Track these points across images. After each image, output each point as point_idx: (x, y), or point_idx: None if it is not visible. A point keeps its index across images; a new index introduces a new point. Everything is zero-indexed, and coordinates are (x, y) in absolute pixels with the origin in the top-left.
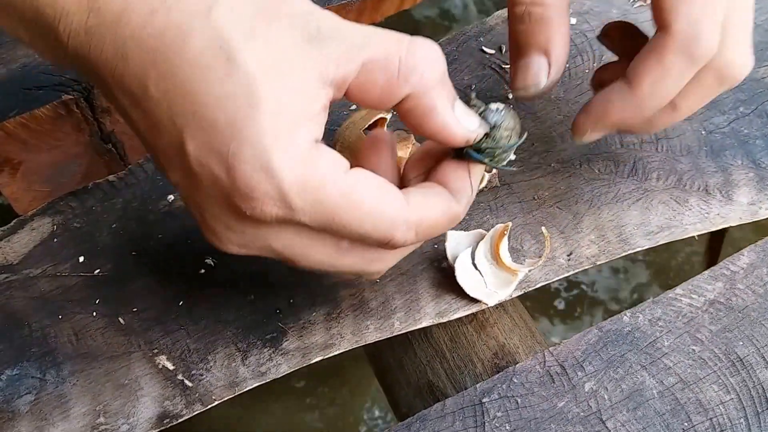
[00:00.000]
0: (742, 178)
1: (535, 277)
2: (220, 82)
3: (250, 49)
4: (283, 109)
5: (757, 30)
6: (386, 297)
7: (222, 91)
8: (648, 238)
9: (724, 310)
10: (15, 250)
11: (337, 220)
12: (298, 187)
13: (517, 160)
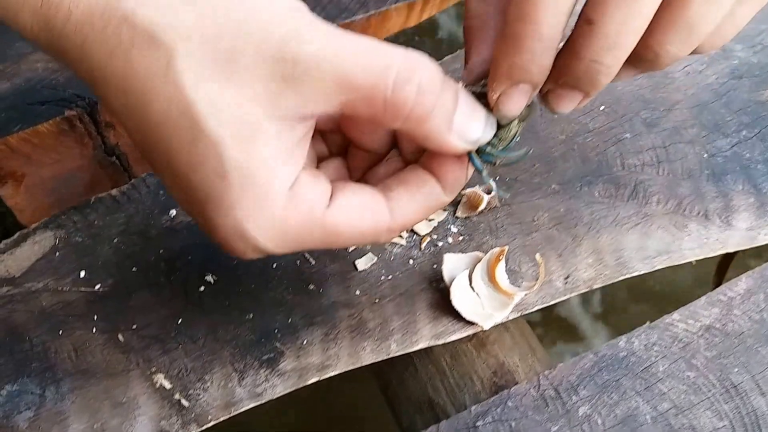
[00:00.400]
0: (742, 204)
1: (531, 300)
2: (187, 148)
3: (212, 112)
4: (251, 177)
5: (763, 51)
6: (384, 318)
7: (190, 158)
8: (646, 263)
9: (720, 336)
10: (17, 263)
11: (321, 248)
12: (274, 243)
13: (518, 180)
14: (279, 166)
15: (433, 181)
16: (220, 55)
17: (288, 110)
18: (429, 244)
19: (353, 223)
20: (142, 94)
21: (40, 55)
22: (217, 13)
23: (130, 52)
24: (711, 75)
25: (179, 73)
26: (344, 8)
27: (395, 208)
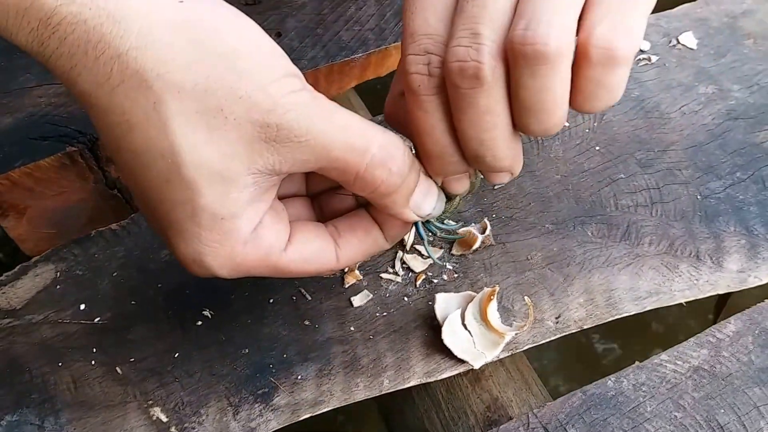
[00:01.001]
0: (733, 245)
1: (522, 339)
2: (162, 185)
3: (192, 160)
4: (219, 220)
5: (759, 92)
6: (378, 354)
7: (161, 194)
8: (636, 304)
9: (708, 377)
10: (18, 295)
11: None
12: (227, 272)
13: (513, 218)
14: (246, 211)
15: (377, 231)
16: (209, 111)
17: (265, 167)
18: (424, 281)
19: (302, 267)
20: (125, 120)
21: (43, 90)
22: (211, 70)
23: (118, 87)
24: (707, 115)
25: (166, 117)
26: (344, 46)
27: (342, 254)
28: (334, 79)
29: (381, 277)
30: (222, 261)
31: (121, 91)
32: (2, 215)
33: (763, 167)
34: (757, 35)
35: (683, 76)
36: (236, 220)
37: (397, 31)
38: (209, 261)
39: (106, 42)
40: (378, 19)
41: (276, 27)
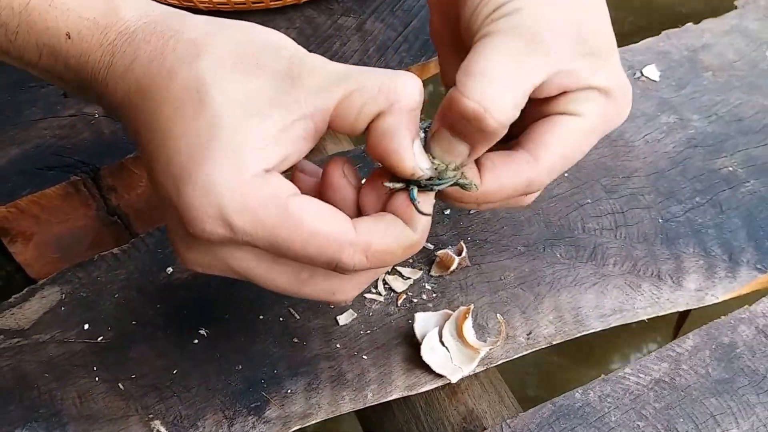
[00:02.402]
0: (692, 266)
1: (496, 354)
2: (189, 118)
3: (222, 92)
4: (232, 142)
5: (717, 122)
6: (362, 369)
7: (188, 127)
8: (601, 321)
9: (668, 388)
10: (26, 316)
11: (280, 242)
12: (236, 208)
13: (488, 241)
14: (266, 145)
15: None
16: (244, 58)
17: (289, 102)
18: (405, 300)
19: (314, 216)
20: (169, 74)
21: (48, 123)
22: (242, 36)
23: (167, 45)
24: (669, 144)
25: (204, 63)
26: None
27: (359, 226)
28: None
29: (365, 297)
30: (231, 190)
31: (170, 54)
32: (10, 241)
33: (721, 192)
34: (716, 68)
35: (647, 107)
36: (251, 149)
37: (380, 66)
38: (218, 185)
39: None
40: (361, 54)
41: None
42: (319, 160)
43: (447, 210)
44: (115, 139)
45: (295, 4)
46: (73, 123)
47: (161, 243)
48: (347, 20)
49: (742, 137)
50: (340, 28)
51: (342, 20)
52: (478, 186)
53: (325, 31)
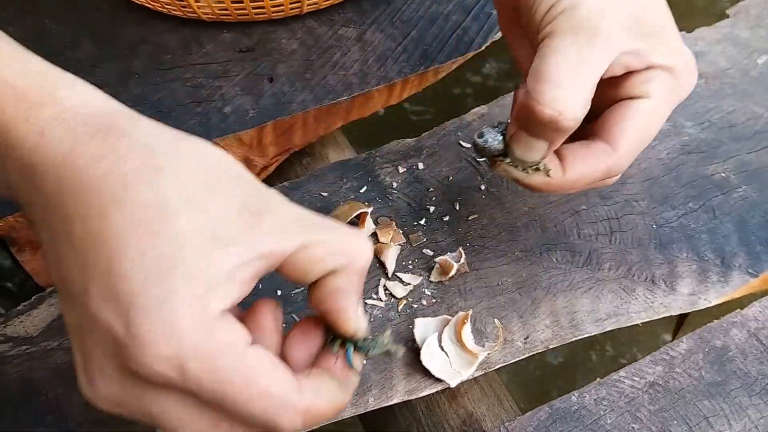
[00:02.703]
0: (685, 270)
1: (494, 359)
2: (146, 237)
3: (187, 220)
4: (199, 275)
5: (710, 128)
6: (364, 375)
7: (145, 246)
8: (596, 325)
9: (662, 391)
10: (34, 324)
11: (229, 395)
12: (196, 353)
13: (486, 247)
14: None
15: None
16: (207, 185)
17: (250, 240)
18: (405, 306)
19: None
20: (124, 180)
21: None
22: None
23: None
24: (663, 150)
25: (166, 177)
26: (331, 90)
27: (304, 387)
28: (322, 120)
29: (366, 303)
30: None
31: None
32: (19, 250)
33: (713, 198)
34: (709, 75)
35: None
36: (217, 288)
37: (379, 75)
38: (182, 329)
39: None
40: (361, 64)
41: (268, 72)
42: (321, 168)
43: (446, 217)
44: None
45: (297, 14)
46: None
47: None
48: (348, 31)
49: (734, 143)
50: (341, 39)
51: (342, 31)
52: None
53: (326, 42)
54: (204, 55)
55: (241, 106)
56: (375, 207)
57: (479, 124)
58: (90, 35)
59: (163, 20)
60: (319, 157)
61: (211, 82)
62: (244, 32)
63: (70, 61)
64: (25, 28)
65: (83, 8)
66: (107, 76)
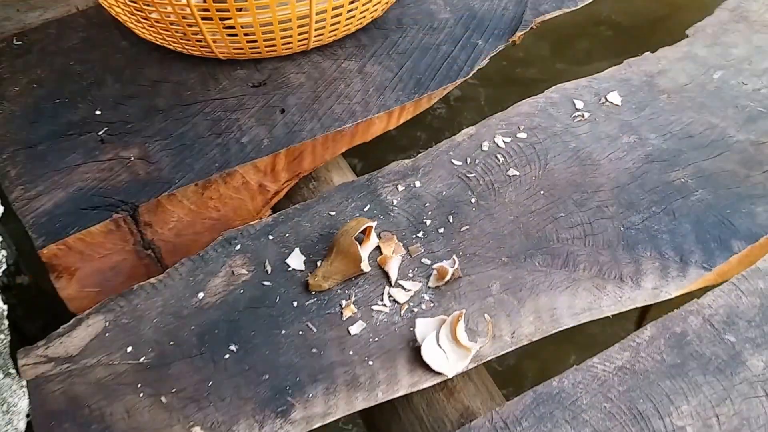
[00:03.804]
0: (649, 267)
1: (485, 352)
2: None
3: None
4: None
5: (672, 139)
6: (372, 372)
7: None
8: (573, 318)
9: (630, 374)
10: (74, 344)
11: None
12: None
13: (477, 254)
14: None
15: None
16: None
17: None
18: (407, 310)
19: None
20: None
21: (89, 167)
22: None
23: None
24: (629, 161)
25: None
26: (336, 118)
27: None
28: (329, 146)
29: (372, 309)
30: None
31: None
32: (57, 277)
33: (674, 201)
34: (671, 91)
35: (610, 129)
36: None
37: (379, 104)
38: None
39: None
40: (363, 93)
41: (280, 104)
42: (328, 190)
43: (441, 229)
44: (150, 179)
45: (303, 50)
46: (111, 166)
47: (192, 272)
48: (350, 64)
49: (693, 152)
50: (344, 72)
51: (345, 64)
52: None
53: (331, 75)
54: (221, 91)
55: (257, 136)
56: (378, 223)
57: (469, 144)
58: (113, 75)
59: (181, 59)
60: (324, 180)
61: (228, 115)
62: (255, 68)
63: (96, 99)
64: (51, 69)
65: (106, 50)
66: (132, 113)
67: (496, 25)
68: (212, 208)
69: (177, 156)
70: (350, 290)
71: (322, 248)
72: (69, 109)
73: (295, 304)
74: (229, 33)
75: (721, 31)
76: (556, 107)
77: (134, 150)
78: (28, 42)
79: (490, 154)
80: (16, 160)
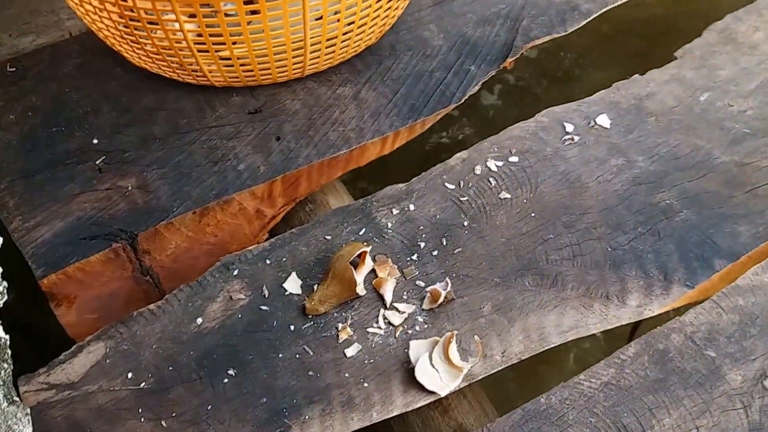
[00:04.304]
0: (634, 286)
1: (477, 371)
2: None
3: None
4: None
5: (658, 161)
6: (367, 393)
7: None
8: (560, 336)
9: (615, 389)
10: (75, 370)
11: None
12: None
13: (469, 276)
14: None
15: None
16: None
17: None
18: (402, 332)
19: None
20: None
21: (87, 196)
22: None
23: None
24: (617, 183)
25: None
26: (331, 145)
27: None
28: (324, 172)
29: (367, 331)
30: None
31: None
32: (57, 305)
33: (659, 222)
34: (658, 113)
35: (599, 152)
36: None
37: (373, 130)
38: None
39: None
40: (358, 120)
41: (275, 132)
42: (324, 215)
43: (435, 251)
44: (148, 207)
45: (299, 77)
46: (109, 195)
47: (190, 298)
48: (345, 90)
49: (678, 173)
50: (339, 98)
51: (340, 90)
52: None
53: (326, 101)
54: (217, 118)
55: (253, 164)
56: (373, 246)
57: (462, 168)
58: (109, 102)
59: (177, 86)
60: (321, 204)
61: (225, 143)
62: (251, 95)
63: (92, 127)
64: (46, 96)
65: (101, 77)
66: (129, 141)
67: (488, 52)
68: (210, 234)
69: (174, 184)
70: (346, 313)
71: (319, 272)
72: (65, 137)
73: (292, 328)
74: (225, 63)
75: (709, 53)
76: (546, 131)
77: (132, 179)
78: (22, 68)
79: (482, 178)
80: (14, 190)
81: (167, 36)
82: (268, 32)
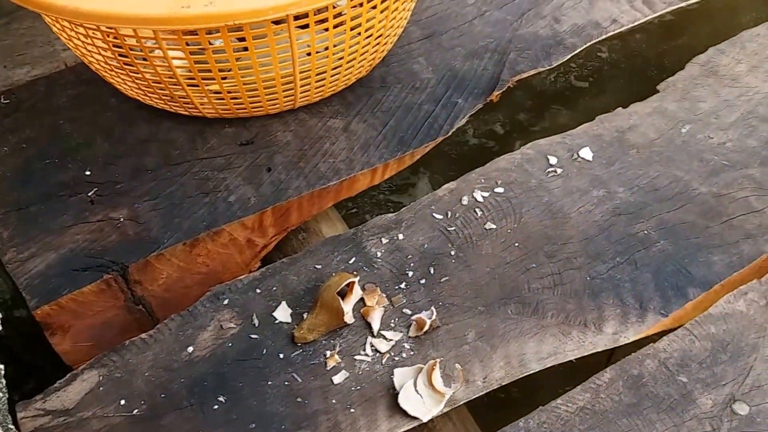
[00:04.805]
0: (611, 314)
1: (459, 396)
2: None
3: None
4: None
5: (638, 192)
6: (354, 419)
7: None
8: (539, 363)
9: (590, 413)
10: (70, 398)
11: None
12: None
13: (455, 304)
14: None
15: None
16: None
17: None
18: (388, 359)
19: None
20: None
21: (79, 228)
22: None
23: None
24: (598, 214)
25: None
26: (322, 176)
27: None
28: (315, 203)
29: (355, 359)
30: None
31: None
32: (51, 334)
33: (636, 252)
34: (640, 146)
35: (581, 183)
36: None
37: (363, 161)
38: None
39: None
40: (348, 151)
41: (266, 163)
42: (315, 244)
43: (422, 280)
44: (140, 239)
45: (290, 108)
46: (101, 227)
47: (182, 327)
48: (335, 122)
49: (657, 204)
50: (329, 130)
51: (331, 122)
52: None
53: (317, 133)
54: (209, 150)
55: (243, 195)
56: (362, 275)
57: (450, 198)
58: (102, 134)
59: (170, 117)
60: (313, 231)
61: (216, 175)
62: (243, 126)
63: (85, 159)
64: (41, 128)
65: (96, 108)
66: (121, 173)
67: (475, 85)
68: (201, 264)
69: (166, 216)
70: (334, 341)
71: (308, 300)
72: (59, 169)
73: (281, 356)
74: (215, 96)
75: (692, 86)
76: (531, 163)
77: (123, 211)
78: (17, 100)
79: (469, 208)
80: (8, 222)
81: (156, 71)
82: (257, 67)
